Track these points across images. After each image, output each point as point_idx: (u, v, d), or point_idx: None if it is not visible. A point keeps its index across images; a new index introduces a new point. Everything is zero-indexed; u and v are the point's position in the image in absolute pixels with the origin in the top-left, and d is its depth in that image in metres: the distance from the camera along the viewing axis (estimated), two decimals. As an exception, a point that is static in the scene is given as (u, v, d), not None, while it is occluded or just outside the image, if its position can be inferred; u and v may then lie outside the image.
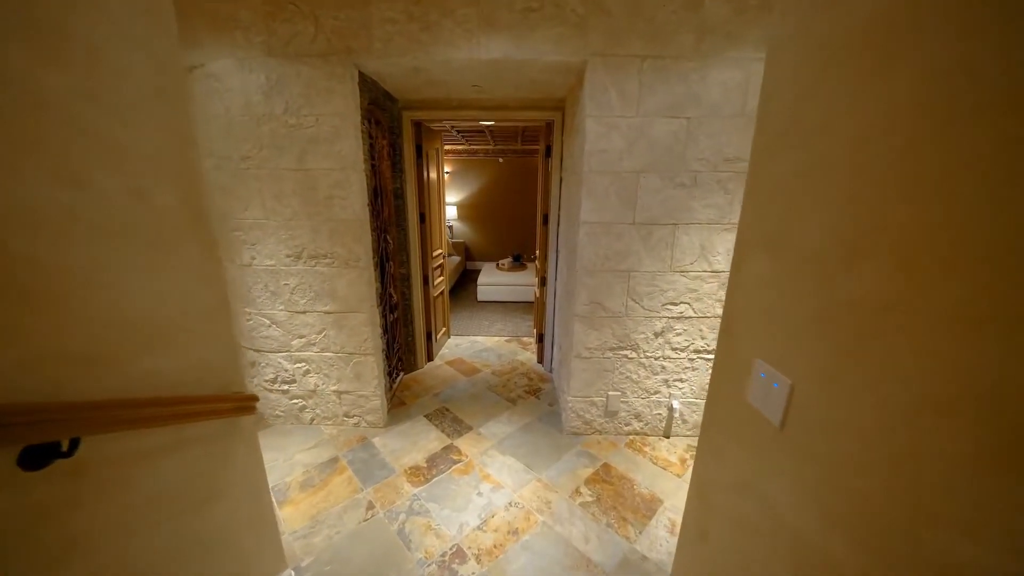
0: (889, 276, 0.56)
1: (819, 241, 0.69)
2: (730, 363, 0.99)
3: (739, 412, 0.94)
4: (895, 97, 0.55)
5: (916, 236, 0.52)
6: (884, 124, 0.57)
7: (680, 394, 2.42)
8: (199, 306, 0.98)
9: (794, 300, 0.76)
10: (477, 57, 1.93)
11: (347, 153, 2.09)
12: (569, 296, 2.47)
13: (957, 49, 0.47)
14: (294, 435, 2.48)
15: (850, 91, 0.63)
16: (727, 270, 2.20)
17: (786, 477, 0.80)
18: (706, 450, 1.11)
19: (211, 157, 2.18)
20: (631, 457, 2.31)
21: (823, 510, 0.68)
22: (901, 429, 0.54)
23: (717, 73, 1.93)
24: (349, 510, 1.92)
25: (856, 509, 0.61)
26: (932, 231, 0.50)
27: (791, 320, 0.77)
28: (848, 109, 0.63)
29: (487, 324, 4.63)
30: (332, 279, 2.27)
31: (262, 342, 2.42)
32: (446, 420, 2.67)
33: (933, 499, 0.50)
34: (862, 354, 0.60)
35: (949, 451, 0.48)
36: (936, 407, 0.49)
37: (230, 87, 2.03)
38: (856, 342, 0.61)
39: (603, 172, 2.06)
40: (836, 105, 0.65)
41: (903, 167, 0.54)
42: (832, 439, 0.67)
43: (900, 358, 0.54)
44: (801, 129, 0.74)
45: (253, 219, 2.21)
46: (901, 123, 0.54)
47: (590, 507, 1.95)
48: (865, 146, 0.60)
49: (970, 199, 0.46)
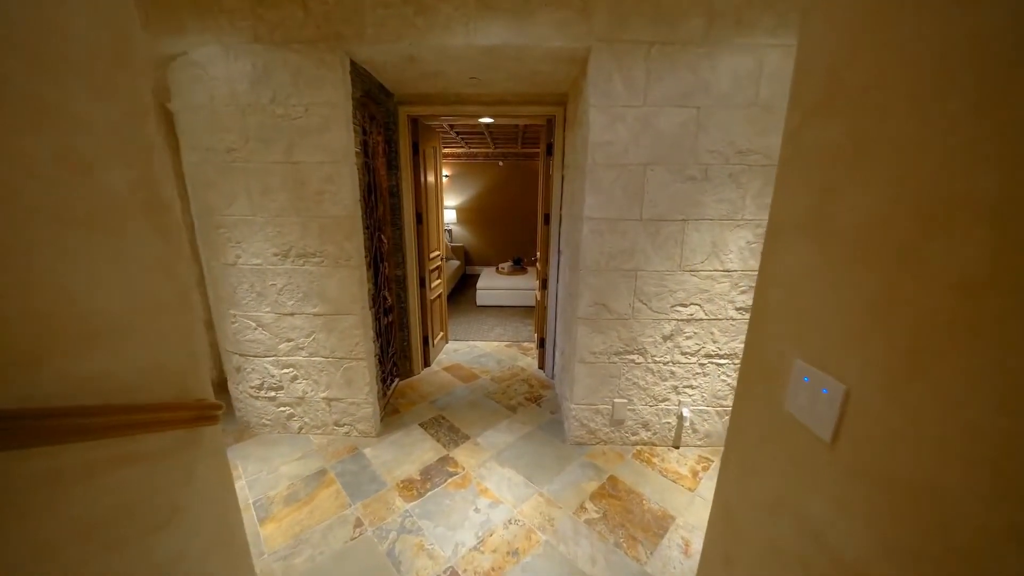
0: (975, 254, 0.43)
1: (877, 218, 0.57)
2: (762, 366, 0.86)
3: (774, 422, 0.81)
4: (980, 29, 0.43)
5: (1011, 204, 0.40)
6: (964, 65, 0.44)
7: (690, 401, 2.28)
8: (152, 301, 0.86)
9: (846, 289, 0.64)
10: (474, 43, 1.83)
11: (338, 145, 1.98)
12: (572, 298, 2.34)
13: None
14: (280, 445, 2.34)
15: (913, 32, 0.51)
16: (740, 269, 2.07)
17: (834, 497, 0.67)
18: (732, 464, 0.98)
19: (195, 150, 2.07)
20: (639, 469, 2.17)
21: (879, 537, 0.56)
22: (992, 443, 0.41)
23: (728, 60, 1.82)
24: (335, 528, 1.77)
25: (925, 536, 0.49)
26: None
27: (843, 313, 0.65)
28: (908, 58, 0.51)
29: (486, 329, 4.49)
30: (322, 279, 2.15)
31: (247, 346, 2.29)
32: (442, 429, 2.52)
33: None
34: (941, 352, 0.47)
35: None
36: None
37: (215, 75, 1.93)
38: (933, 337, 0.49)
39: (608, 165, 1.94)
40: (890, 55, 0.54)
41: (989, 121, 0.42)
42: (899, 455, 0.54)
43: (993, 355, 0.42)
44: (846, 91, 0.62)
45: (239, 215, 2.09)
46: (990, 60, 0.42)
47: (596, 524, 1.80)
48: (936, 100, 0.48)
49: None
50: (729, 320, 2.14)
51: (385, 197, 2.79)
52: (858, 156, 0.60)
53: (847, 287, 0.64)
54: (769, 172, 1.95)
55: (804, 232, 0.74)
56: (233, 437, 2.42)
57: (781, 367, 0.80)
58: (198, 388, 0.98)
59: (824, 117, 0.68)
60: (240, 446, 2.35)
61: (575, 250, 2.24)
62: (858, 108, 0.60)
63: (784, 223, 0.80)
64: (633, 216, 2.00)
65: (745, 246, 2.04)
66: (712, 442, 2.35)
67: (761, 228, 2.02)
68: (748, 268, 2.07)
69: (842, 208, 0.64)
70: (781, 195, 0.82)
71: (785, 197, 0.80)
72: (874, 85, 0.57)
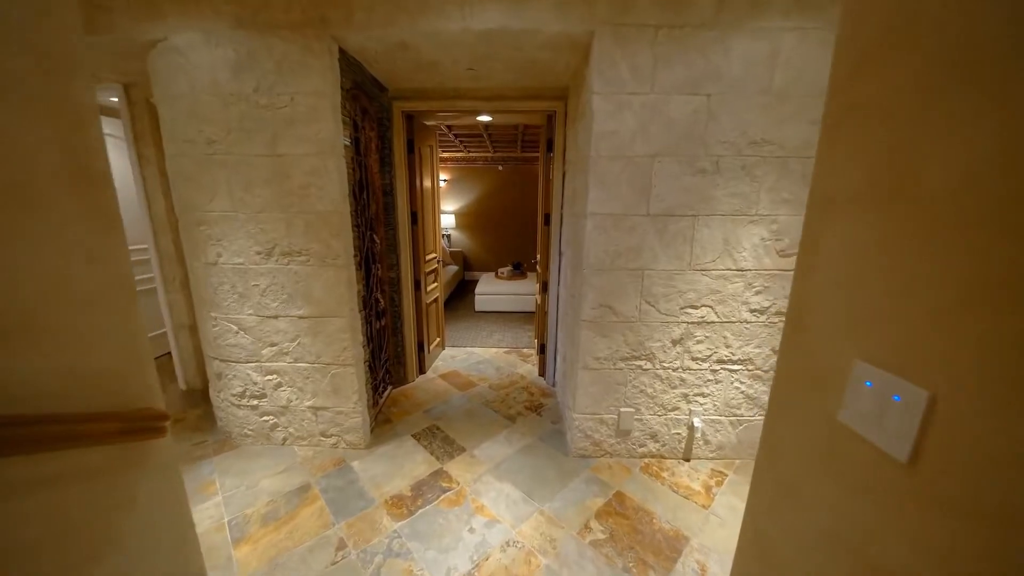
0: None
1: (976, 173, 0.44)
2: (806, 369, 0.72)
3: (825, 436, 0.67)
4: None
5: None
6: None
7: (702, 410, 2.12)
8: (79, 293, 0.72)
9: (929, 268, 0.50)
10: (470, 28, 1.72)
11: (325, 136, 1.86)
12: (574, 300, 2.21)
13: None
14: (262, 457, 2.19)
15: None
16: (754, 268, 1.94)
17: (913, 535, 0.52)
18: (767, 487, 0.83)
19: (174, 142, 1.95)
20: (647, 484, 2.01)
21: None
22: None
23: (740, 44, 1.71)
24: (316, 550, 1.61)
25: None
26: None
27: (923, 299, 0.51)
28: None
29: (485, 335, 4.35)
30: (307, 279, 2.02)
31: (228, 351, 2.15)
32: (436, 440, 2.37)
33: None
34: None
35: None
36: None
37: (195, 63, 1.82)
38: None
39: (613, 157, 1.82)
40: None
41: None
42: (1008, 481, 0.40)
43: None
44: (929, 9, 0.50)
45: (220, 211, 1.96)
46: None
47: (603, 547, 1.64)
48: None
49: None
50: (743, 323, 2.00)
51: (378, 196, 2.67)
52: (942, 96, 0.47)
53: (930, 265, 0.50)
54: (784, 164, 1.83)
55: (863, 204, 0.60)
56: (213, 449, 2.27)
57: (833, 370, 0.66)
58: (142, 395, 0.84)
59: (894, 53, 0.54)
60: (220, 458, 2.19)
61: (578, 249, 2.11)
62: (943, 32, 0.47)
63: (833, 197, 0.67)
64: (640, 211, 1.87)
65: (759, 243, 1.91)
66: (725, 454, 2.19)
67: (776, 224, 1.89)
68: (763, 267, 1.93)
69: (923, 167, 0.50)
70: (827, 164, 0.69)
71: (833, 165, 0.67)
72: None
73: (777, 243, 1.91)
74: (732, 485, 2.00)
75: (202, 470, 2.10)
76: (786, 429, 0.78)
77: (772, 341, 2.02)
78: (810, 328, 0.71)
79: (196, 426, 2.49)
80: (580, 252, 2.02)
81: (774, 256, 1.92)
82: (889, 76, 0.55)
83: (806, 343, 0.72)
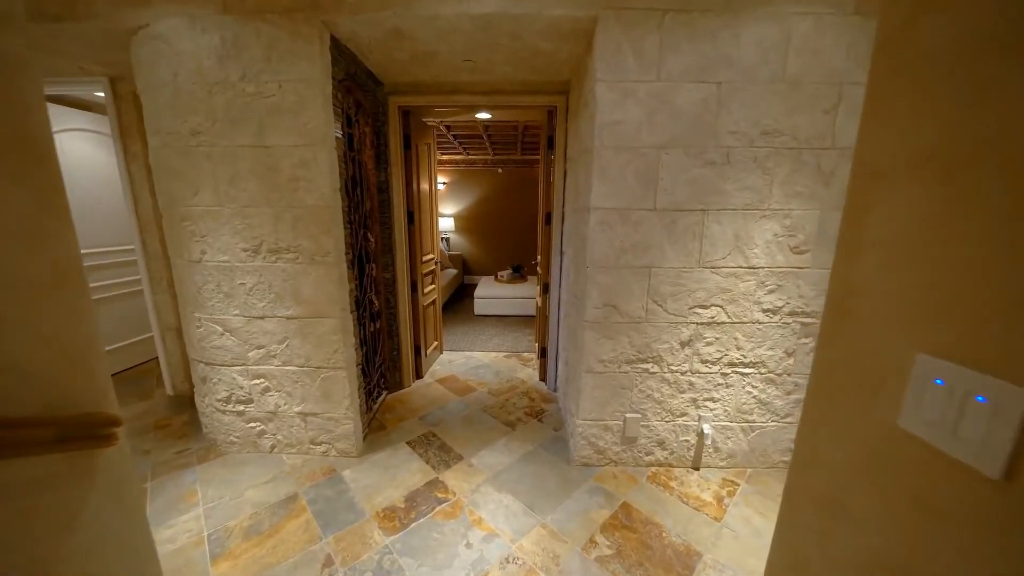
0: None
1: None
2: (852, 364, 0.62)
3: (880, 444, 0.57)
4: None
5: None
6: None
7: (712, 416, 2.01)
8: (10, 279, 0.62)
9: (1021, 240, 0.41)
10: (467, 11, 1.64)
11: (314, 127, 1.77)
12: (577, 300, 2.11)
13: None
14: (248, 466, 2.07)
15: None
16: (767, 265, 1.84)
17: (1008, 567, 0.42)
18: (805, 504, 0.73)
19: (158, 134, 1.86)
20: (656, 495, 1.89)
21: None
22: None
23: (752, 30, 1.63)
24: (300, 568, 1.50)
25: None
26: None
27: (1012, 279, 0.42)
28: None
29: (484, 339, 4.24)
30: (296, 277, 1.92)
31: (213, 353, 2.04)
32: (432, 448, 2.25)
33: None
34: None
35: None
36: None
37: (180, 50, 1.74)
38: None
39: (618, 148, 1.73)
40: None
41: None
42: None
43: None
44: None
45: (204, 206, 1.87)
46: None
47: (609, 563, 1.52)
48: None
49: None
50: (755, 324, 1.90)
51: (373, 193, 2.58)
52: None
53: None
54: (798, 155, 1.74)
55: (926, 171, 0.51)
56: (197, 457, 2.15)
57: (888, 366, 0.56)
58: (90, 399, 0.74)
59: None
60: (204, 467, 2.08)
61: (581, 246, 2.01)
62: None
63: (887, 165, 0.57)
64: (646, 205, 1.78)
65: (772, 239, 1.81)
66: (736, 463, 2.07)
67: (790, 219, 1.80)
68: (776, 265, 1.84)
69: (1005, 126, 0.41)
70: (875, 128, 0.59)
71: (885, 129, 0.57)
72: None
73: (791, 239, 1.81)
74: (745, 496, 1.89)
75: (184, 479, 1.98)
76: (826, 436, 0.68)
77: (786, 343, 1.92)
78: (857, 316, 0.61)
79: (181, 433, 2.37)
80: (583, 249, 1.92)
81: (788, 253, 1.83)
82: (955, 22, 0.46)
83: (852, 334, 0.62)
